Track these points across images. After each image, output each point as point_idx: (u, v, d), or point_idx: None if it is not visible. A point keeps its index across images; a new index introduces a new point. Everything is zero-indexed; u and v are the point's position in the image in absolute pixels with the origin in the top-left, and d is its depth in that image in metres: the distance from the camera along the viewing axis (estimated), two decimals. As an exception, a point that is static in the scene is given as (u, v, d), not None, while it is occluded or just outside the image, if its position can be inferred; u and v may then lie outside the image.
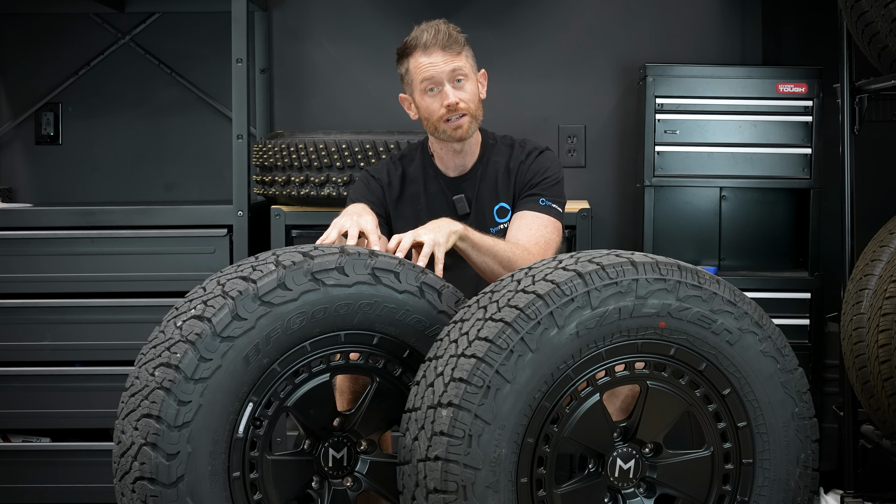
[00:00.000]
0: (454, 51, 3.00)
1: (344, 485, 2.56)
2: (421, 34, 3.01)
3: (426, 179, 3.13)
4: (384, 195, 3.11)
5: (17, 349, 3.75)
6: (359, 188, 3.14)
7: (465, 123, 3.02)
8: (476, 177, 3.12)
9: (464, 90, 3.01)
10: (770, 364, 2.48)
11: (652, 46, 4.24)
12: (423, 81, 3.01)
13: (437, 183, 3.13)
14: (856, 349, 3.26)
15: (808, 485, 2.54)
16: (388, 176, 3.13)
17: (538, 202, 3.04)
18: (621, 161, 4.28)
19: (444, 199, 3.12)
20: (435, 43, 2.99)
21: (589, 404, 2.42)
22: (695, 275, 2.43)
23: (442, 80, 3.00)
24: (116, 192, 4.35)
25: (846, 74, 3.39)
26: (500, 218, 3.11)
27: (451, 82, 3.00)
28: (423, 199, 3.11)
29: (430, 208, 3.11)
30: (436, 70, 2.99)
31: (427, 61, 3.00)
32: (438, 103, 3.01)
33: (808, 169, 3.86)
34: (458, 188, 3.12)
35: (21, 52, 4.34)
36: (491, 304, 2.37)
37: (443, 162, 3.13)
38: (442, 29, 3.01)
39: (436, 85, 3.01)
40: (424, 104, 3.03)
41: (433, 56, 2.99)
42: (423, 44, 3.00)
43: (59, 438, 3.83)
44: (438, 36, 2.99)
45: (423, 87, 3.02)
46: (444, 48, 2.99)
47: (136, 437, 2.32)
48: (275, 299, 2.39)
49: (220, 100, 4.31)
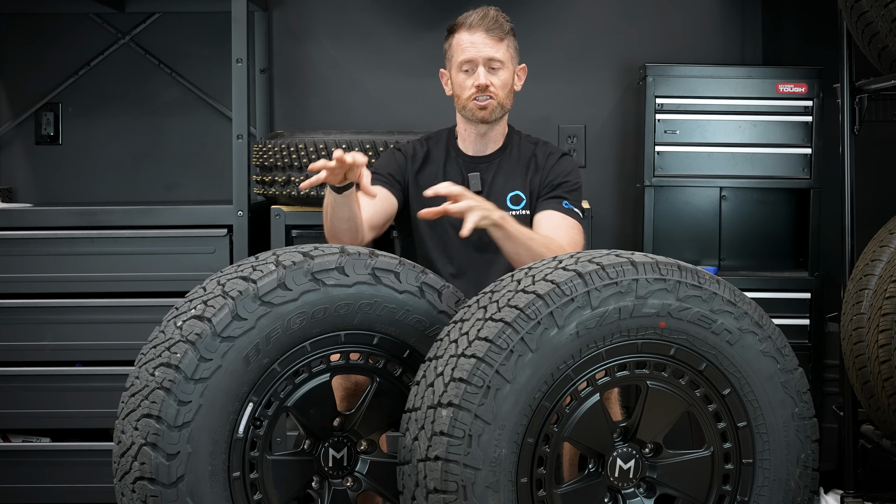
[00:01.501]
0: (496, 36, 3.10)
1: (344, 485, 2.56)
2: (470, 14, 3.14)
3: (447, 159, 3.21)
4: (406, 166, 3.20)
5: (17, 349, 3.74)
6: (383, 157, 3.25)
7: (491, 106, 3.11)
8: (495, 161, 3.20)
9: (496, 76, 3.11)
10: (770, 364, 2.48)
11: (652, 46, 4.24)
12: (461, 61, 3.11)
13: (456, 161, 3.21)
14: (856, 349, 3.26)
15: (808, 485, 2.54)
16: (414, 151, 3.23)
17: (562, 204, 3.11)
18: (621, 161, 4.28)
19: (459, 176, 3.18)
20: (480, 25, 3.10)
21: (589, 404, 2.42)
22: (695, 275, 2.43)
23: (478, 62, 3.10)
24: (116, 192, 4.35)
25: (846, 74, 3.39)
26: (513, 205, 3.16)
27: (486, 67, 3.10)
28: (440, 177, 3.16)
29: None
30: (474, 52, 3.10)
31: (469, 39, 3.11)
32: (470, 82, 3.10)
33: (808, 169, 3.86)
34: (474, 167, 3.19)
35: (21, 52, 4.34)
36: (491, 304, 2.37)
37: (465, 143, 3.22)
38: (490, 13, 3.12)
39: (472, 66, 3.11)
40: (458, 80, 3.14)
41: (475, 35, 3.10)
42: (469, 23, 3.12)
43: (59, 438, 3.82)
44: (486, 20, 3.11)
45: (459, 65, 3.12)
46: (487, 31, 3.10)
47: (137, 437, 2.32)
48: (275, 299, 2.39)
49: (220, 100, 4.30)
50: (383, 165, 3.20)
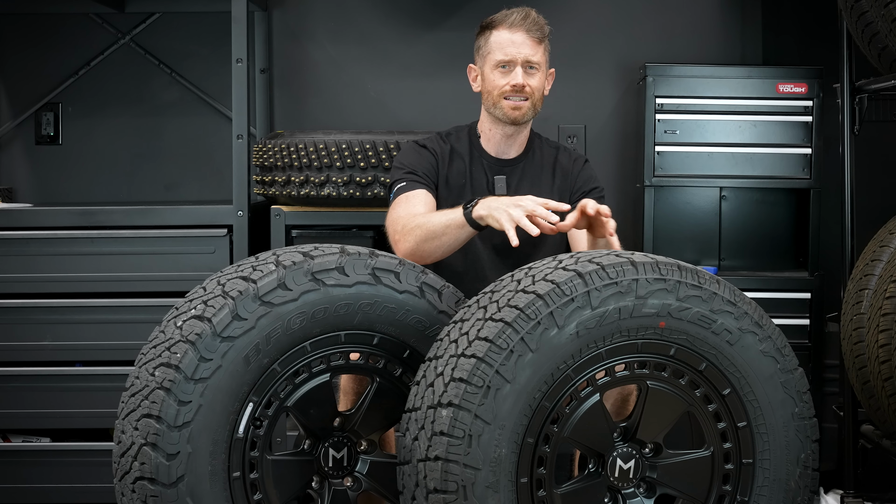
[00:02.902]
0: (536, 37, 3.07)
1: (344, 485, 2.56)
2: (511, 13, 3.09)
3: (472, 158, 3.15)
4: (437, 164, 3.13)
5: (17, 349, 3.74)
6: (411, 155, 3.14)
7: (525, 107, 3.08)
8: (520, 165, 3.16)
9: (533, 78, 3.08)
10: (770, 364, 2.48)
11: (652, 46, 4.24)
12: (499, 59, 3.07)
13: (481, 163, 3.15)
14: (856, 349, 3.26)
15: (808, 485, 2.54)
16: (439, 148, 3.16)
17: None
18: (621, 161, 4.28)
19: (483, 178, 3.14)
20: (522, 25, 3.07)
21: (589, 404, 2.42)
22: (695, 275, 2.43)
23: (517, 62, 3.06)
24: (116, 192, 4.35)
25: (846, 74, 3.39)
26: None
27: (525, 68, 3.06)
28: (467, 175, 3.13)
29: (473, 185, 3.13)
30: (515, 51, 3.05)
31: (509, 38, 3.06)
32: (506, 80, 3.06)
33: (808, 169, 3.86)
34: (500, 170, 3.15)
35: (21, 52, 4.34)
36: (491, 304, 2.37)
37: (489, 144, 3.16)
38: (532, 15, 3.09)
39: (509, 65, 3.06)
40: (492, 78, 3.08)
41: (516, 34, 3.06)
42: (510, 21, 3.07)
43: (59, 438, 3.82)
44: (527, 20, 3.07)
45: (497, 62, 3.07)
46: (528, 31, 3.06)
47: (137, 437, 2.32)
48: (275, 299, 2.39)
49: (220, 100, 4.30)
50: (417, 164, 3.10)
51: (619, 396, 2.70)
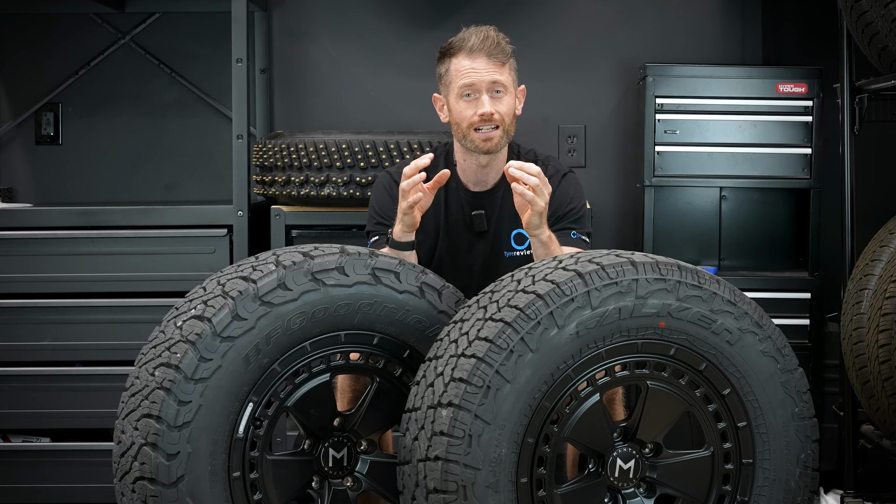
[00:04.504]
0: (499, 60, 2.93)
1: (344, 485, 2.56)
2: (469, 37, 2.93)
3: (447, 189, 3.03)
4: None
5: (17, 349, 3.74)
6: (381, 194, 3.05)
7: (496, 137, 2.94)
8: (498, 196, 3.04)
9: (501, 103, 2.94)
10: (770, 364, 2.48)
11: (652, 46, 4.24)
12: (461, 86, 2.93)
13: (458, 195, 3.05)
14: (856, 349, 3.26)
15: (808, 485, 2.54)
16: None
17: (570, 235, 2.98)
18: (621, 161, 4.27)
19: (461, 212, 3.04)
20: (482, 49, 2.92)
21: (589, 404, 2.43)
22: (695, 275, 2.43)
23: (481, 88, 2.92)
24: (116, 192, 4.35)
25: (846, 74, 3.39)
26: (516, 244, 3.05)
27: (490, 93, 2.92)
28: (442, 208, 3.04)
29: (448, 220, 3.05)
30: (477, 77, 2.91)
31: (469, 66, 2.92)
32: (472, 110, 2.92)
33: (808, 169, 3.86)
34: (478, 203, 3.04)
35: (21, 52, 4.33)
36: (491, 304, 2.37)
37: (465, 174, 3.05)
38: (491, 36, 2.93)
39: (474, 92, 2.93)
40: (458, 108, 2.95)
41: (477, 61, 2.92)
42: (469, 47, 2.92)
43: (59, 438, 3.82)
44: (486, 42, 2.92)
45: (460, 91, 2.94)
46: (489, 55, 2.92)
47: (137, 437, 2.32)
48: (275, 299, 2.39)
49: (220, 100, 4.30)
50: (389, 209, 2.99)
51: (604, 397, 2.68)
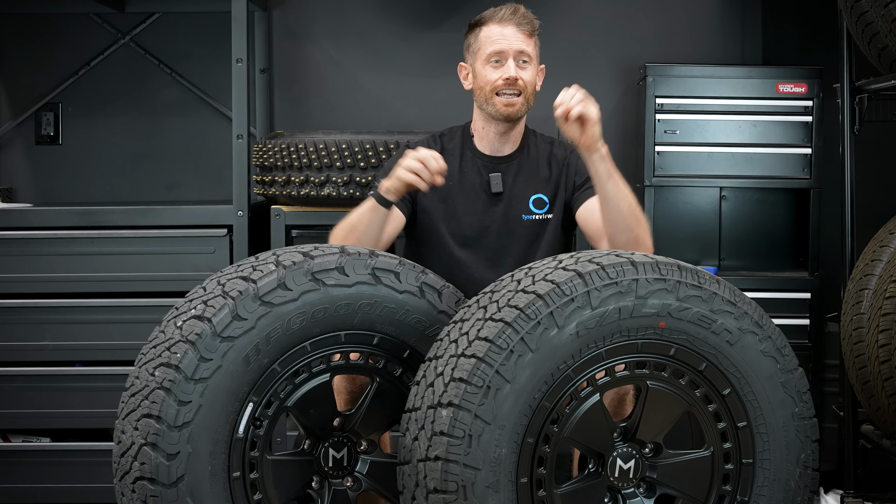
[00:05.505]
0: (527, 30, 3.06)
1: (344, 485, 2.56)
2: (500, 9, 3.08)
3: (462, 157, 3.14)
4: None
5: (17, 349, 3.74)
6: (395, 159, 3.11)
7: (518, 103, 3.05)
8: (515, 161, 3.14)
9: (525, 71, 3.06)
10: (770, 364, 2.48)
11: (652, 46, 4.24)
12: (490, 53, 3.05)
13: (474, 161, 3.13)
14: (856, 349, 3.26)
15: (808, 485, 2.54)
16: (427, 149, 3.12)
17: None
18: (621, 161, 4.22)
19: (478, 177, 3.12)
20: (512, 19, 3.06)
21: (589, 404, 2.42)
22: (695, 275, 2.43)
23: (509, 55, 3.04)
24: (116, 192, 4.35)
25: (846, 74, 3.39)
26: (536, 208, 3.12)
27: (517, 61, 3.05)
28: (456, 175, 3.11)
29: (462, 185, 3.11)
30: (506, 44, 3.04)
31: (500, 32, 3.05)
32: (498, 74, 3.04)
33: (808, 169, 3.86)
34: (494, 167, 3.13)
35: (21, 52, 4.34)
36: (491, 304, 2.37)
37: (483, 142, 3.14)
38: (521, 9, 3.08)
39: (502, 59, 3.05)
40: (483, 73, 3.06)
41: (507, 28, 3.05)
42: (500, 17, 3.06)
43: (59, 438, 3.82)
44: (517, 14, 3.07)
45: (488, 57, 3.05)
46: (518, 25, 3.05)
47: (137, 437, 2.32)
48: (275, 299, 2.39)
49: (220, 100, 4.31)
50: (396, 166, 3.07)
51: (615, 396, 2.69)
